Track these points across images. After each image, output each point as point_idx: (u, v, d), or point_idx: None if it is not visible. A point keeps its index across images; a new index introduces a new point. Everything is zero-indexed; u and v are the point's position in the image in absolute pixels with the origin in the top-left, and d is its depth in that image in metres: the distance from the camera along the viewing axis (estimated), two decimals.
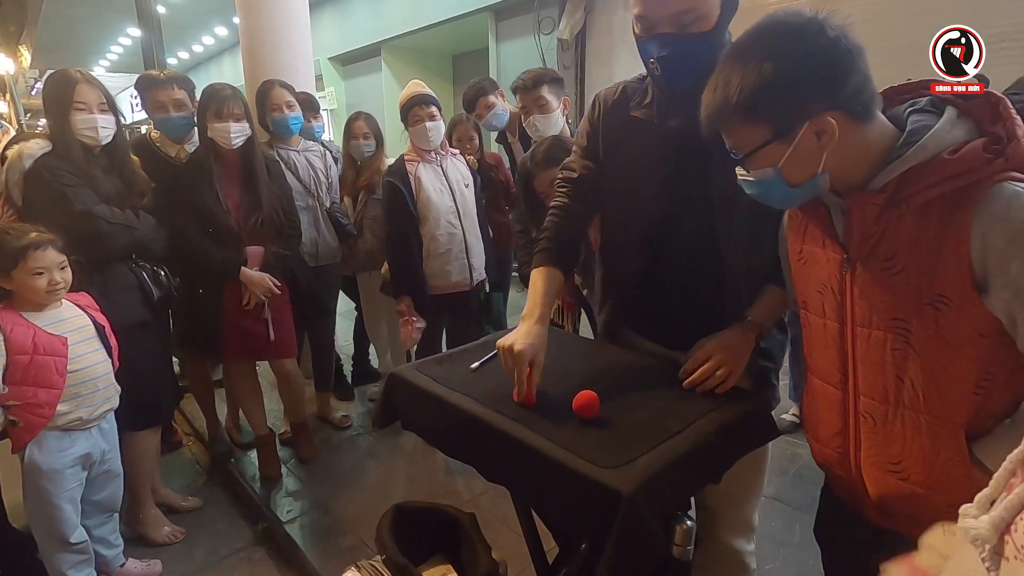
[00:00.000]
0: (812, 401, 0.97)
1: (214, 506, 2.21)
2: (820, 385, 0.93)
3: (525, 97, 2.13)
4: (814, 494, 2.07)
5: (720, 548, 1.24)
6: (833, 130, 0.77)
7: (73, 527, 1.59)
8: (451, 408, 1.04)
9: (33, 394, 1.46)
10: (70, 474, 1.56)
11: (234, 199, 2.09)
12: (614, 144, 1.19)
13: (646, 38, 1.02)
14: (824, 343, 0.90)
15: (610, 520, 0.79)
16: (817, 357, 0.93)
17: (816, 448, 0.98)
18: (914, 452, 0.81)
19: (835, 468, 0.94)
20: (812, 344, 0.94)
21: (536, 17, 5.40)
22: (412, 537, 1.14)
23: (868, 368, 0.84)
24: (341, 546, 1.96)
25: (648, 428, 0.94)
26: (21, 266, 1.44)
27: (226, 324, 2.12)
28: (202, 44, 11.54)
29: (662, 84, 1.07)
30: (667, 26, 0.98)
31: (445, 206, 2.31)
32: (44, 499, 1.53)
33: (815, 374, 0.95)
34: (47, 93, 1.70)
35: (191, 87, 2.30)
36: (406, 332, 2.35)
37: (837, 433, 0.91)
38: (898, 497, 0.85)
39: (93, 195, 1.70)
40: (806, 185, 0.82)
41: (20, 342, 1.44)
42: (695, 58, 1.00)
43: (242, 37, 3.43)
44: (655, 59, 1.01)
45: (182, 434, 2.72)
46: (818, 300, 0.90)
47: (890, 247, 0.79)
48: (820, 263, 0.89)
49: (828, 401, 0.92)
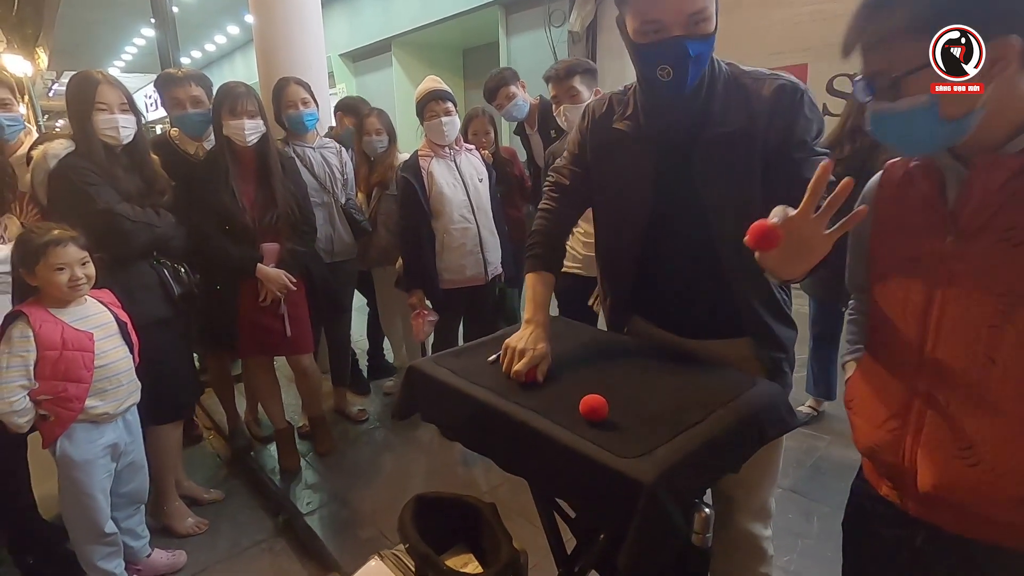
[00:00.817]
0: (865, 381, 0.93)
1: (235, 498, 2.25)
2: (885, 363, 0.89)
3: (557, 87, 2.13)
4: (831, 486, 2.10)
5: (737, 534, 1.25)
6: (1014, 57, 0.68)
7: (106, 517, 1.63)
8: (470, 400, 1.05)
9: (63, 388, 1.49)
10: (101, 464, 1.60)
11: (249, 196, 2.11)
12: (600, 155, 1.22)
13: (656, 43, 1.00)
14: (901, 319, 0.85)
15: (631, 509, 0.80)
16: (886, 335, 0.88)
17: (864, 431, 0.93)
18: (991, 437, 0.77)
19: (883, 452, 0.89)
20: (882, 321, 0.89)
21: (546, 10, 5.37)
22: (434, 527, 1.16)
23: (953, 346, 0.79)
24: (360, 537, 1.99)
25: (667, 418, 0.94)
26: (43, 262, 1.48)
27: (243, 320, 2.15)
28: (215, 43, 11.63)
29: (666, 91, 1.05)
30: (680, 29, 0.98)
31: (458, 200, 2.32)
32: (78, 490, 1.58)
33: (877, 353, 0.91)
34: (70, 94, 1.73)
35: (208, 84, 2.33)
36: (418, 325, 2.38)
37: (894, 415, 0.86)
38: (958, 486, 0.80)
39: (115, 194, 1.74)
40: (960, 121, 0.73)
41: (49, 337, 1.48)
42: (704, 60, 1.02)
43: (255, 35, 3.45)
44: (668, 65, 1.00)
45: (203, 428, 2.77)
46: (901, 273, 0.85)
47: (1012, 217, 0.73)
48: (914, 233, 0.84)
49: (889, 381, 0.87)
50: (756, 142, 1.06)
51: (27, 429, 1.50)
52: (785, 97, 1.05)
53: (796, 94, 1.05)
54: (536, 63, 5.15)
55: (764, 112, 1.05)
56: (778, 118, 1.05)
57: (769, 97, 1.05)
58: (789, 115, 1.05)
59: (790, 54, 4.19)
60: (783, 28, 4.21)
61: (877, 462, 0.93)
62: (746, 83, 1.07)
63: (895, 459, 0.87)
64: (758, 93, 1.06)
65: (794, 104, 1.05)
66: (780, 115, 1.05)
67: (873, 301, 0.92)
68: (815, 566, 1.77)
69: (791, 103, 1.05)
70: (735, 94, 1.07)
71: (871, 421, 0.91)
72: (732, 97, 1.07)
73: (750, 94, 1.06)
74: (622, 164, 1.18)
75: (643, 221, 1.17)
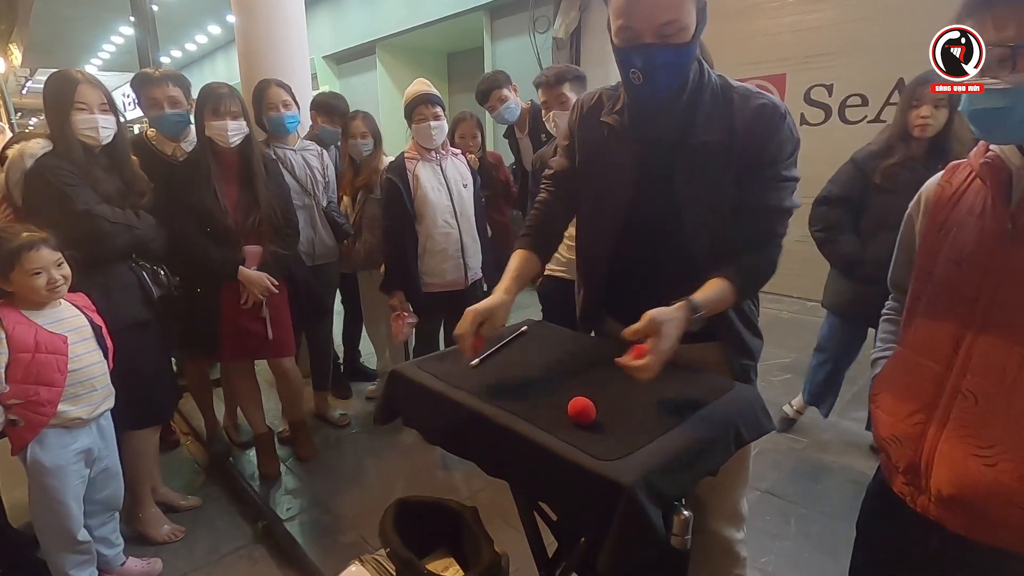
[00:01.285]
0: (896, 376, 0.94)
1: (213, 505, 2.22)
2: (915, 359, 0.90)
3: (547, 93, 2.15)
4: (808, 488, 2.14)
5: (712, 539, 1.27)
6: None
7: (79, 525, 1.60)
8: (452, 404, 1.06)
9: (35, 392, 1.46)
10: (74, 470, 1.57)
11: (232, 198, 2.09)
12: (587, 147, 1.25)
13: (628, 48, 1.04)
14: (941, 316, 0.86)
15: (611, 512, 0.81)
16: (923, 330, 0.90)
17: (885, 422, 0.94)
18: (1013, 438, 0.77)
19: (903, 445, 0.90)
20: (920, 317, 0.91)
21: (531, 16, 5.41)
22: (415, 531, 1.16)
23: (992, 345, 0.80)
24: (341, 543, 1.97)
25: (646, 421, 0.95)
26: (18, 268, 1.44)
27: (224, 323, 2.13)
28: (195, 43, 11.49)
29: (642, 94, 1.09)
30: (651, 37, 1.01)
31: (442, 205, 2.33)
32: (50, 497, 1.54)
33: (912, 347, 0.92)
34: (48, 93, 1.70)
35: (186, 84, 2.30)
36: (397, 327, 2.39)
37: (920, 409, 0.88)
38: (972, 484, 0.81)
39: (94, 195, 1.71)
40: None
41: (22, 340, 1.45)
42: (676, 68, 1.04)
43: (238, 36, 3.42)
44: (638, 70, 1.04)
45: (180, 433, 2.73)
46: (949, 272, 0.86)
47: None
48: (968, 233, 0.84)
49: (920, 375, 0.88)
50: (732, 155, 1.09)
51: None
52: (764, 115, 1.08)
53: (776, 115, 1.08)
54: (521, 68, 5.18)
55: (743, 128, 1.08)
56: (754, 135, 1.08)
57: (750, 114, 1.08)
58: (765, 134, 1.08)
59: (769, 64, 4.29)
60: (763, 39, 4.30)
61: (895, 455, 0.93)
62: (732, 97, 1.10)
63: (914, 453, 0.88)
64: (742, 109, 1.09)
65: (772, 124, 1.08)
66: (757, 132, 1.08)
67: (913, 297, 0.93)
68: (792, 567, 1.80)
69: (769, 122, 1.08)
70: (720, 107, 1.10)
71: (895, 414, 0.92)
72: (717, 109, 1.10)
73: (734, 109, 1.09)
74: (607, 159, 1.20)
75: (622, 218, 1.19)
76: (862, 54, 3.92)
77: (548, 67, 2.37)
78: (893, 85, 3.78)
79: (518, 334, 1.35)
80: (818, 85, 4.14)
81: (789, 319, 4.05)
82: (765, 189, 1.09)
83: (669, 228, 1.15)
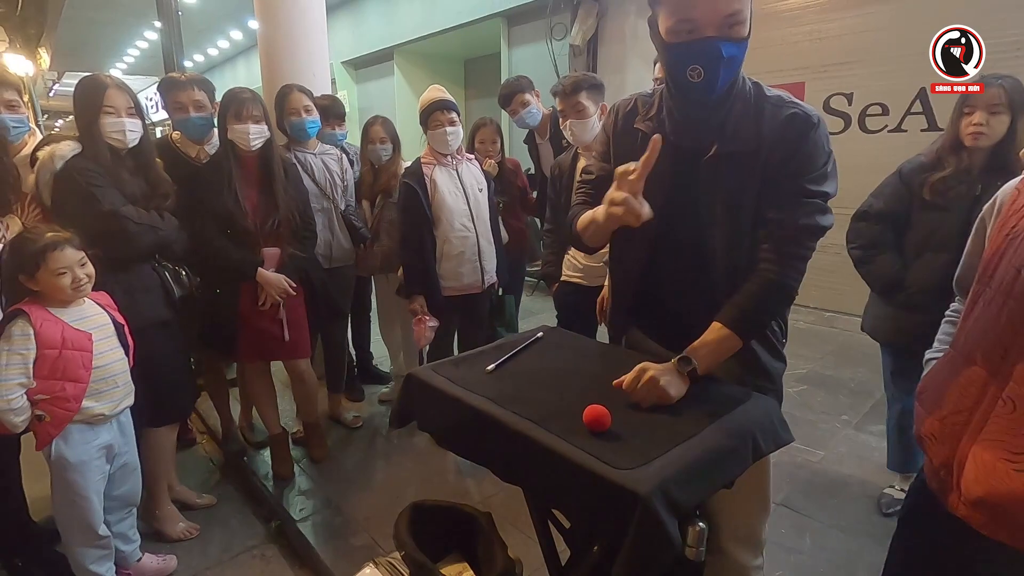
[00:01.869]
0: (944, 374, 0.95)
1: (228, 503, 2.24)
2: (964, 361, 0.91)
3: (564, 102, 2.16)
4: (824, 501, 2.11)
5: (725, 562, 1.24)
6: None
7: (100, 520, 1.62)
8: (468, 409, 1.06)
9: (61, 388, 1.49)
10: (96, 466, 1.60)
11: (252, 201, 2.12)
12: (621, 153, 1.22)
13: (686, 44, 0.99)
14: (995, 322, 0.87)
15: (626, 521, 0.81)
16: (978, 335, 0.90)
17: (926, 420, 0.96)
18: None
19: (940, 443, 0.92)
20: (975, 320, 0.92)
21: (548, 23, 5.43)
22: (429, 535, 1.16)
23: None
24: (353, 545, 1.98)
25: (663, 431, 0.95)
26: (43, 268, 1.48)
27: (242, 324, 2.16)
28: (217, 48, 11.68)
29: (695, 95, 1.04)
30: (713, 30, 0.97)
31: (459, 209, 2.34)
32: (73, 492, 1.57)
33: (961, 350, 0.93)
34: (78, 96, 1.75)
35: (211, 89, 2.34)
36: (419, 331, 2.39)
37: (962, 410, 0.89)
38: (1000, 489, 0.82)
39: (120, 196, 1.75)
40: None
41: (50, 336, 1.48)
42: (736, 64, 1.01)
43: (260, 41, 3.48)
44: (700, 65, 0.99)
45: (196, 432, 2.76)
46: (1009, 277, 0.86)
47: None
48: None
49: (968, 378, 0.90)
50: (758, 167, 1.06)
51: (22, 429, 1.49)
52: (795, 127, 1.04)
53: (806, 124, 1.04)
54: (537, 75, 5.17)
55: (771, 138, 1.05)
56: (781, 145, 1.04)
57: (779, 124, 1.05)
58: (792, 144, 1.04)
59: (787, 72, 4.27)
60: (781, 48, 4.28)
61: (932, 453, 0.95)
62: (764, 107, 1.07)
63: (949, 452, 0.89)
64: (772, 118, 1.05)
65: (801, 135, 1.04)
66: (784, 143, 1.04)
67: (972, 300, 0.93)
68: None
69: (798, 133, 1.04)
70: (751, 115, 1.06)
71: (936, 413, 0.93)
72: (747, 118, 1.06)
73: (765, 118, 1.06)
74: None
75: (651, 229, 1.15)
76: (882, 63, 3.87)
77: (565, 76, 2.37)
78: (915, 95, 3.74)
79: (533, 340, 1.35)
80: (838, 94, 4.10)
81: (806, 329, 4.00)
82: (787, 203, 1.05)
83: (693, 241, 1.13)
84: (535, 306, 4.14)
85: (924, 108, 3.72)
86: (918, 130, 3.75)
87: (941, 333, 1.07)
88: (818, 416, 2.77)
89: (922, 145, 1.96)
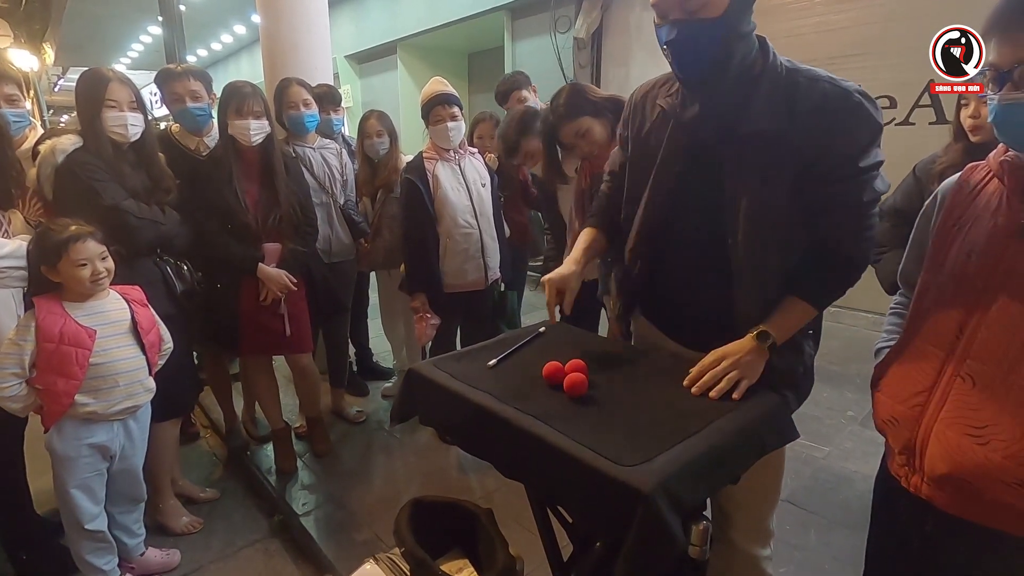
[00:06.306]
0: (899, 361, 0.97)
1: (231, 498, 2.25)
2: (921, 346, 0.93)
3: (513, 157, 2.18)
4: (829, 498, 2.09)
5: (734, 553, 1.24)
6: None
7: (87, 515, 1.62)
8: (470, 404, 1.06)
9: (53, 382, 1.50)
10: (85, 463, 1.60)
11: (253, 196, 2.11)
12: (638, 131, 1.22)
13: (659, 25, 1.04)
14: (948, 305, 0.89)
15: (629, 517, 0.80)
16: (931, 319, 0.92)
17: (886, 404, 0.98)
18: (1006, 419, 0.81)
19: (900, 426, 0.94)
20: (927, 306, 0.94)
21: (552, 16, 5.39)
22: (430, 531, 1.16)
23: (993, 332, 0.83)
24: (355, 540, 1.98)
25: (667, 427, 0.94)
26: (65, 258, 1.49)
27: (243, 319, 2.15)
28: (221, 42, 11.68)
29: (676, 72, 1.07)
30: (678, 12, 0.99)
31: (462, 205, 2.32)
32: (59, 484, 1.59)
33: (919, 335, 0.94)
34: (80, 90, 1.74)
35: (207, 79, 2.32)
36: (421, 328, 2.37)
37: (920, 392, 0.91)
38: (965, 463, 0.84)
39: (121, 190, 1.74)
40: None
41: (49, 330, 1.49)
42: (704, 43, 1.00)
43: (262, 35, 3.47)
44: (665, 44, 1.03)
45: (199, 426, 2.77)
46: (960, 262, 0.89)
47: None
48: (980, 228, 0.87)
49: (924, 361, 0.92)
50: (790, 146, 1.01)
51: (24, 415, 1.51)
52: (831, 102, 0.99)
53: (847, 101, 0.98)
54: (541, 69, 5.17)
55: (805, 113, 1.00)
56: (819, 126, 0.99)
57: (814, 101, 0.99)
58: (831, 122, 0.99)
59: None
60: (788, 40, 4.22)
61: (892, 437, 0.97)
62: (798, 81, 1.02)
63: (910, 434, 0.92)
64: (808, 93, 1.00)
65: (840, 111, 0.98)
66: (823, 124, 0.99)
67: (922, 290, 0.96)
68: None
69: (836, 109, 0.98)
70: (781, 92, 1.02)
71: (895, 397, 0.96)
72: (777, 95, 1.01)
73: (799, 93, 1.01)
74: (657, 140, 1.15)
75: (666, 205, 1.15)
76: (890, 55, 3.82)
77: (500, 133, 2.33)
78: (923, 87, 3.69)
79: (535, 335, 1.34)
80: None
81: None
82: (843, 189, 1.02)
83: (705, 229, 1.11)
84: (536, 301, 4.15)
85: (932, 101, 3.67)
86: (926, 123, 3.70)
87: (887, 324, 1.10)
88: (823, 412, 2.75)
89: (930, 138, 1.96)
